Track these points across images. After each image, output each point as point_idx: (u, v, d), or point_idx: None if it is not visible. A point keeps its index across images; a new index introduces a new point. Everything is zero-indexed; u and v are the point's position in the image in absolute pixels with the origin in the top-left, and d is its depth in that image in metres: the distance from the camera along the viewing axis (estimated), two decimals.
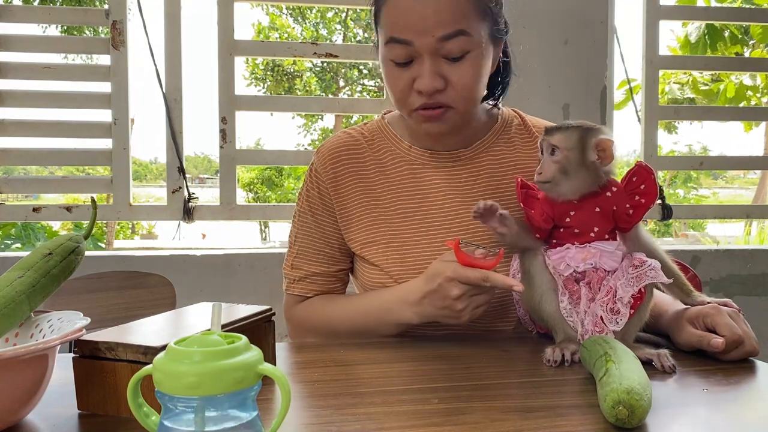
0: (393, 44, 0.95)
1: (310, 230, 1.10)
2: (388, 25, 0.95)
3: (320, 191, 1.09)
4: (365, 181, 1.07)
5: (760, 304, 2.22)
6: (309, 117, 14.92)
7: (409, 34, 0.93)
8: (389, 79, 0.98)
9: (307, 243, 1.10)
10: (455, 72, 0.95)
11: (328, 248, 1.10)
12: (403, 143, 1.09)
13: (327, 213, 1.09)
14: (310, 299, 1.10)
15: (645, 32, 2.19)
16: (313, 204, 1.10)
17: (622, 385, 0.62)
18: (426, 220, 1.04)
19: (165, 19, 1.95)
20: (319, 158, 1.10)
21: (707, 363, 0.84)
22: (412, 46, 0.93)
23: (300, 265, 1.10)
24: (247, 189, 14.55)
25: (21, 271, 0.69)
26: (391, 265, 1.03)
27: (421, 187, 1.06)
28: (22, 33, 1.95)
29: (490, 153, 1.08)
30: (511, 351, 0.92)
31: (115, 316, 1.40)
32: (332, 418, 0.66)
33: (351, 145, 1.10)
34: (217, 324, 0.50)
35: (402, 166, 1.08)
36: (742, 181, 24.67)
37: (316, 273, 1.09)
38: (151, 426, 0.51)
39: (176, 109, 1.96)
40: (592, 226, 0.88)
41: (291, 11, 14.56)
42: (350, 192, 1.08)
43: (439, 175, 1.06)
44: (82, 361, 0.67)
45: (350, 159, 1.09)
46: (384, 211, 1.06)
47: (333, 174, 1.08)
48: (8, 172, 6.48)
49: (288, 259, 1.12)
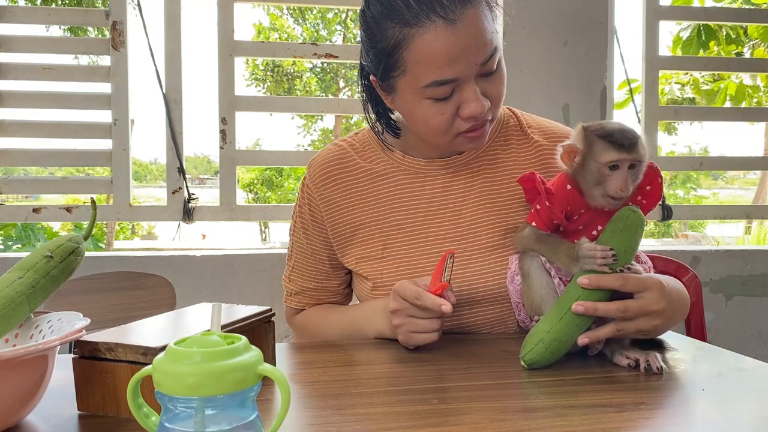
0: (435, 87, 0.89)
1: (302, 246, 1.11)
2: (426, 72, 0.88)
3: (311, 208, 1.08)
4: (358, 194, 1.06)
5: (760, 304, 2.22)
6: (309, 117, 14.94)
7: (455, 70, 0.87)
8: (428, 115, 0.92)
9: (300, 258, 1.12)
10: (491, 86, 0.92)
11: (319, 264, 1.10)
12: (396, 153, 1.06)
13: (317, 230, 1.09)
14: (304, 313, 1.14)
15: (645, 32, 2.19)
16: (305, 221, 1.10)
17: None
18: (421, 230, 1.02)
19: (165, 19, 1.95)
20: (310, 174, 1.09)
21: (707, 363, 0.84)
22: (456, 81, 0.89)
23: (295, 279, 1.13)
24: (247, 189, 14.54)
25: (21, 271, 0.69)
26: (386, 278, 1.02)
27: (416, 196, 1.04)
28: (22, 33, 1.95)
29: (486, 156, 1.06)
30: (511, 351, 0.92)
31: (115, 317, 1.40)
32: (332, 418, 0.66)
33: (342, 157, 1.08)
34: (217, 324, 0.50)
35: (396, 177, 1.05)
36: (742, 181, 24.67)
37: (309, 288, 1.12)
38: (151, 426, 0.51)
39: (176, 109, 1.96)
40: (596, 226, 0.88)
41: (291, 12, 14.57)
42: (343, 207, 1.06)
43: (434, 183, 1.04)
44: (81, 361, 0.67)
45: (341, 172, 1.07)
46: (378, 223, 1.04)
47: (324, 189, 1.07)
48: (8, 172, 6.48)
49: (285, 271, 1.15)
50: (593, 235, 0.88)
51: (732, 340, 2.18)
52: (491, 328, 1.02)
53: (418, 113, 0.93)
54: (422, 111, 0.92)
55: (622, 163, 0.82)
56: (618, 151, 0.81)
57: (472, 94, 0.89)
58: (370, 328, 0.99)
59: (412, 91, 0.91)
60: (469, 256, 1.00)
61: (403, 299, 0.87)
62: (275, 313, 0.84)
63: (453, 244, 1.01)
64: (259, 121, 34.95)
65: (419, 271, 1.00)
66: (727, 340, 2.15)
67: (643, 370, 0.80)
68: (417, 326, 0.87)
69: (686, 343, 0.96)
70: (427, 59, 0.87)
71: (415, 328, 0.87)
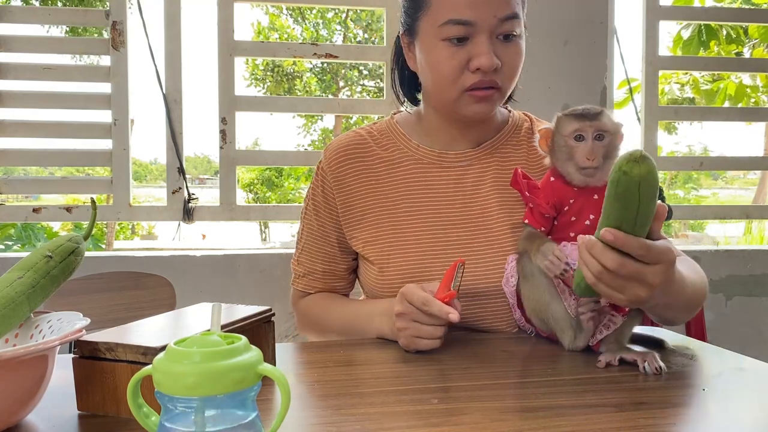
0: (451, 25, 0.95)
1: (312, 229, 1.13)
2: (446, 7, 0.96)
3: (324, 190, 1.11)
4: (372, 179, 1.09)
5: (760, 304, 2.22)
6: (309, 117, 14.91)
7: (472, 14, 0.94)
8: (440, 60, 0.98)
9: (310, 241, 1.13)
10: (506, 52, 0.97)
11: (328, 247, 1.12)
12: (412, 142, 1.10)
13: (329, 212, 1.11)
14: (311, 296, 1.14)
15: (645, 32, 2.19)
16: (317, 203, 1.12)
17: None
18: (430, 219, 1.05)
19: (165, 19, 1.95)
20: (326, 157, 1.12)
21: (707, 363, 0.84)
22: (472, 26, 0.95)
23: (303, 261, 1.14)
24: (247, 190, 14.53)
25: (21, 271, 0.69)
26: (393, 264, 1.03)
27: (427, 186, 1.07)
28: (22, 34, 1.95)
29: (498, 154, 1.09)
30: (510, 351, 0.92)
31: (115, 317, 1.40)
32: (332, 418, 0.66)
33: (359, 143, 1.11)
34: (217, 324, 0.50)
35: (409, 165, 1.09)
36: (742, 181, 24.66)
37: (316, 270, 1.13)
38: (151, 426, 0.51)
39: (176, 109, 1.96)
40: (588, 214, 0.88)
41: (291, 12, 14.56)
42: (356, 190, 1.08)
43: (446, 175, 1.07)
44: (81, 361, 0.67)
45: (357, 157, 1.10)
46: (390, 208, 1.07)
47: (339, 172, 1.09)
48: (8, 172, 6.48)
49: (294, 254, 1.16)
50: (586, 225, 0.88)
51: (732, 340, 2.18)
52: (494, 323, 1.02)
53: (432, 57, 0.98)
54: (436, 55, 0.98)
55: (585, 132, 0.86)
56: (579, 120, 0.86)
57: (485, 47, 0.95)
58: (372, 327, 0.99)
59: (431, 30, 0.98)
60: (476, 248, 1.01)
61: (409, 303, 0.87)
62: (275, 313, 0.84)
63: (461, 234, 1.02)
64: (259, 121, 34.94)
65: (426, 260, 1.01)
66: (727, 340, 2.15)
67: (642, 370, 0.80)
68: (420, 332, 0.87)
69: (686, 343, 0.96)
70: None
71: (418, 333, 0.87)
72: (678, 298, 0.84)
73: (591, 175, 0.86)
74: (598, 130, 0.86)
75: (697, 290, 0.90)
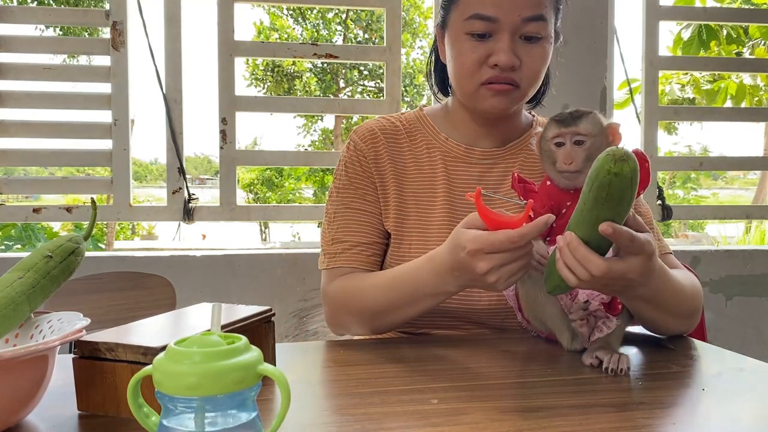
0: (475, 20, 0.98)
1: (352, 203, 1.08)
2: (473, 2, 0.98)
3: (362, 164, 1.09)
4: (399, 165, 1.09)
5: (760, 304, 2.22)
6: (309, 118, 14.91)
7: (496, 11, 0.96)
8: (461, 52, 1.00)
9: (349, 215, 1.08)
10: (528, 53, 0.99)
11: (370, 217, 1.08)
12: (440, 135, 1.11)
13: (368, 183, 1.09)
14: (345, 276, 1.06)
15: (645, 33, 2.19)
16: (355, 178, 1.09)
17: None
18: (452, 212, 1.05)
19: (165, 19, 1.95)
20: (359, 136, 1.12)
21: (707, 363, 0.84)
22: (495, 22, 0.97)
23: (342, 237, 1.07)
24: (247, 190, 14.53)
25: (21, 272, 0.69)
26: (413, 251, 1.03)
27: (452, 180, 1.08)
28: (22, 34, 1.95)
29: (523, 154, 1.10)
30: (511, 351, 0.92)
31: (115, 317, 1.40)
32: (332, 418, 0.66)
33: (389, 128, 1.12)
34: (217, 324, 0.50)
35: (436, 157, 1.09)
36: (742, 181, 24.66)
37: (360, 243, 1.07)
38: (151, 426, 0.51)
39: (176, 109, 1.96)
40: None
41: (291, 12, 14.56)
42: (386, 172, 1.09)
43: (470, 171, 1.09)
44: (82, 361, 0.67)
45: (388, 141, 1.11)
46: (414, 198, 1.07)
47: (373, 150, 1.10)
48: (8, 172, 6.48)
49: (326, 235, 1.09)
50: None
51: (732, 340, 2.18)
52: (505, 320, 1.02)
53: (455, 50, 1.01)
54: (459, 46, 1.01)
55: (564, 137, 0.86)
56: (558, 126, 0.87)
57: (505, 45, 0.97)
58: (428, 290, 0.92)
59: (457, 23, 1.01)
60: None
61: (490, 253, 0.79)
62: (275, 313, 0.84)
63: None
64: (259, 121, 34.95)
65: None
66: (727, 340, 2.15)
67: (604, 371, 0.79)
68: (512, 270, 0.81)
69: (686, 343, 0.96)
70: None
71: (511, 273, 0.81)
72: (662, 295, 0.84)
73: (572, 178, 0.86)
74: (576, 135, 0.86)
75: (686, 293, 0.90)
